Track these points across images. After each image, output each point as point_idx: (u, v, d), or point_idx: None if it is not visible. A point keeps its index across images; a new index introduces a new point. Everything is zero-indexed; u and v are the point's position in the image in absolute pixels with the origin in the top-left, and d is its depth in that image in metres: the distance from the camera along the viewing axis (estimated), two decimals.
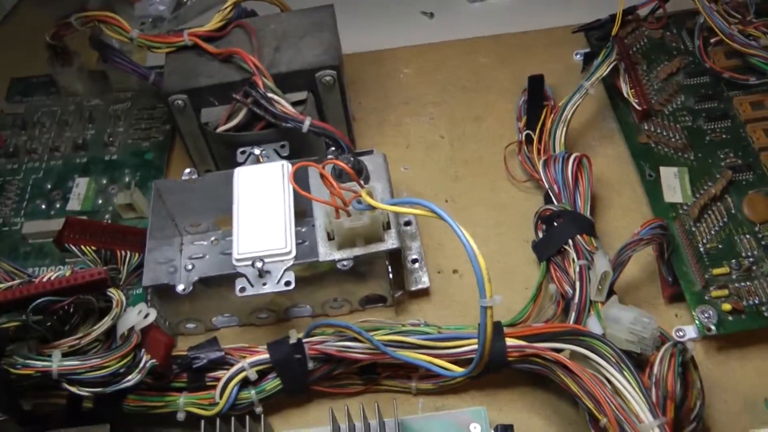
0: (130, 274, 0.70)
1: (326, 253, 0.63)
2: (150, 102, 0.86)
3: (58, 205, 0.79)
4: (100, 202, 0.79)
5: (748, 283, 0.64)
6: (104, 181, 0.80)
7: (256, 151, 0.69)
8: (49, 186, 0.81)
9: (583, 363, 0.57)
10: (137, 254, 0.69)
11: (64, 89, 0.88)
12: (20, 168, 0.83)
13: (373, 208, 0.58)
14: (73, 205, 0.79)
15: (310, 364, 0.62)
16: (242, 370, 0.61)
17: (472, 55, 0.88)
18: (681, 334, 0.64)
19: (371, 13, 0.94)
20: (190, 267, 0.72)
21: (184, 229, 0.73)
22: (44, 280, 0.55)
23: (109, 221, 0.77)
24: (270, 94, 0.68)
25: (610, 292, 0.62)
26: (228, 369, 0.62)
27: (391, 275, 0.65)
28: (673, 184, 0.70)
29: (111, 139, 0.83)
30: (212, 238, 0.73)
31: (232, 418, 0.58)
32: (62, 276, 0.56)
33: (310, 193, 0.65)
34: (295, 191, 0.64)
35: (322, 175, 0.59)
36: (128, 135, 0.84)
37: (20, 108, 0.88)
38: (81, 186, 0.80)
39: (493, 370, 0.59)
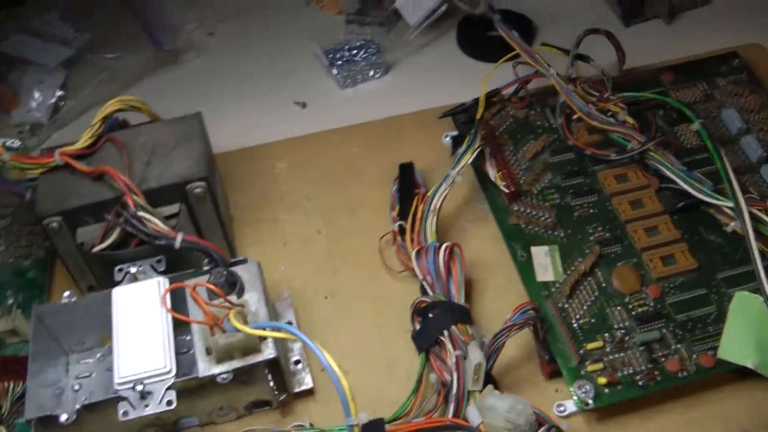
0: (14, 404, 0.69)
1: (205, 368, 0.63)
2: (31, 218, 0.85)
3: None
4: None
5: (621, 354, 0.67)
6: None
7: (132, 270, 0.69)
8: None
9: None
10: (20, 383, 0.68)
11: None
12: None
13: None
14: None
15: None
16: None
17: (344, 144, 0.89)
18: (562, 409, 0.66)
19: (244, 106, 0.95)
20: (77, 387, 0.71)
21: (69, 348, 0.72)
22: None
23: None
24: (141, 213, 0.68)
25: (488, 379, 0.64)
26: None
27: (271, 382, 0.65)
28: (544, 263, 0.72)
29: None
30: (98, 355, 0.72)
31: None
32: None
33: (187, 310, 0.66)
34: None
35: (192, 297, 0.59)
36: (9, 253, 0.83)
37: None
38: None
39: None
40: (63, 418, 0.63)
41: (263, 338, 0.64)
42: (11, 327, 0.75)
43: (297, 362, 0.71)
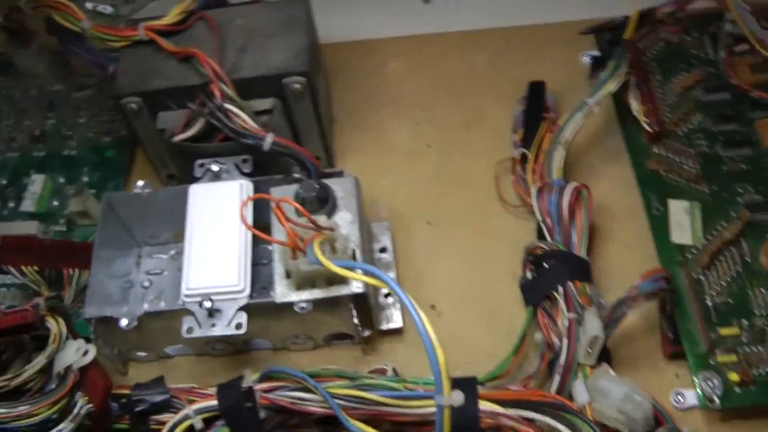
0: (79, 293, 0.63)
1: (283, 293, 0.57)
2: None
3: (12, 204, 0.73)
4: (56, 204, 0.73)
5: (760, 349, 0.56)
6: (61, 180, 0.74)
7: (214, 168, 0.62)
8: (4, 181, 0.75)
9: None
10: (87, 271, 0.63)
11: (24, 71, 0.81)
12: None
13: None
14: (27, 205, 0.72)
15: (262, 414, 0.56)
16: (187, 417, 0.55)
17: (468, 50, 0.79)
18: (680, 399, 0.57)
19: None
20: (147, 284, 0.66)
21: (142, 240, 0.67)
22: None
23: (65, 226, 0.71)
24: (228, 105, 0.60)
25: (603, 352, 0.55)
26: (174, 413, 0.56)
27: (356, 318, 0.58)
28: (682, 222, 0.62)
29: (70, 132, 0.77)
30: (172, 252, 0.67)
31: None
32: None
33: (269, 219, 0.59)
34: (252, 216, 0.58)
35: (274, 213, 0.52)
36: (89, 128, 0.77)
37: None
38: (37, 184, 0.73)
39: None
40: (123, 323, 0.58)
41: None
42: (82, 209, 0.69)
43: (387, 295, 0.64)
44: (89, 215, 0.70)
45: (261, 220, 0.59)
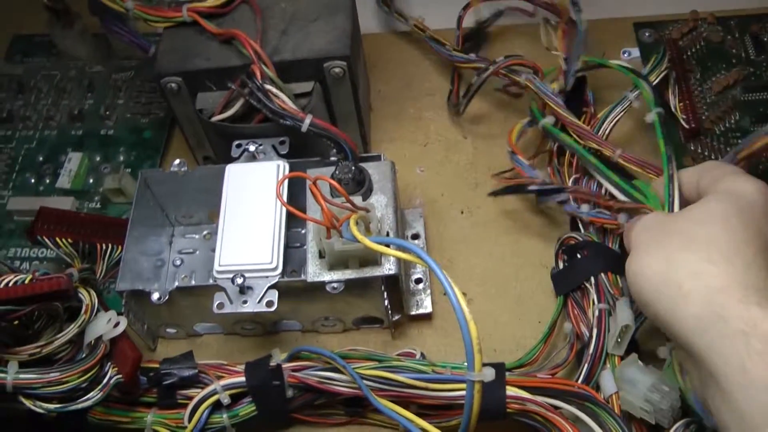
0: (111, 269, 0.64)
1: (315, 273, 0.57)
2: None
3: (48, 181, 0.74)
4: (91, 181, 0.73)
5: None
6: (98, 158, 0.75)
7: (252, 148, 0.62)
8: (41, 158, 0.76)
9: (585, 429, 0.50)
10: (120, 247, 0.63)
11: (65, 52, 0.82)
12: (13, 136, 0.78)
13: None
14: (63, 182, 0.73)
15: (289, 392, 0.56)
16: (214, 392, 0.56)
17: (508, 43, 0.79)
18: None
19: None
20: (178, 262, 0.66)
21: (175, 219, 0.67)
22: None
23: (99, 203, 0.72)
24: (268, 86, 0.60)
25: (631, 343, 0.55)
26: (201, 388, 0.56)
27: (386, 300, 0.58)
28: None
29: (108, 112, 0.77)
30: (205, 232, 0.68)
31: None
32: (19, 284, 0.51)
33: (305, 202, 0.59)
34: (287, 199, 0.58)
35: (311, 191, 0.52)
36: (127, 108, 0.78)
37: (19, 69, 0.82)
38: (73, 162, 0.74)
39: (488, 419, 0.52)
40: (155, 297, 0.59)
41: None
42: (117, 186, 0.70)
43: (418, 281, 0.64)
44: (124, 193, 0.70)
45: (295, 203, 0.59)
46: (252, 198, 0.60)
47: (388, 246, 0.48)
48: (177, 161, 0.64)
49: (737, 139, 0.66)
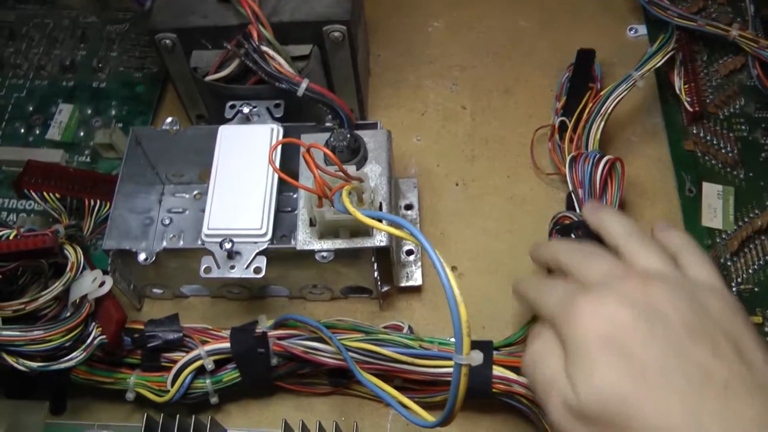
0: (98, 225, 0.64)
1: (305, 241, 0.56)
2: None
3: (37, 132, 0.73)
4: (82, 134, 0.72)
5: None
6: (89, 111, 0.74)
7: (246, 109, 0.61)
8: (30, 108, 0.74)
9: None
10: (108, 204, 0.62)
11: (59, 0, 0.80)
12: (3, 83, 0.76)
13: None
14: (53, 134, 0.72)
15: (274, 360, 0.56)
16: (198, 358, 0.55)
17: (514, 13, 0.77)
18: None
19: None
20: (167, 221, 0.65)
21: (166, 177, 0.66)
22: None
23: (89, 157, 0.71)
24: (265, 48, 0.59)
25: None
26: (186, 352, 0.56)
27: (376, 272, 0.57)
28: (715, 205, 0.61)
29: (101, 64, 0.76)
30: (195, 192, 0.67)
31: (177, 417, 0.54)
32: (3, 240, 0.51)
33: (298, 167, 0.58)
34: (279, 163, 0.57)
35: (304, 158, 0.50)
36: (121, 62, 0.77)
37: (11, 15, 0.81)
38: (64, 113, 0.73)
39: (474, 396, 0.51)
40: (142, 257, 0.58)
41: None
42: (108, 141, 0.69)
43: (409, 253, 0.63)
44: (114, 148, 0.69)
45: (288, 167, 0.58)
46: (244, 161, 0.58)
47: (380, 221, 0.47)
48: (169, 119, 0.62)
49: (741, 125, 0.65)
